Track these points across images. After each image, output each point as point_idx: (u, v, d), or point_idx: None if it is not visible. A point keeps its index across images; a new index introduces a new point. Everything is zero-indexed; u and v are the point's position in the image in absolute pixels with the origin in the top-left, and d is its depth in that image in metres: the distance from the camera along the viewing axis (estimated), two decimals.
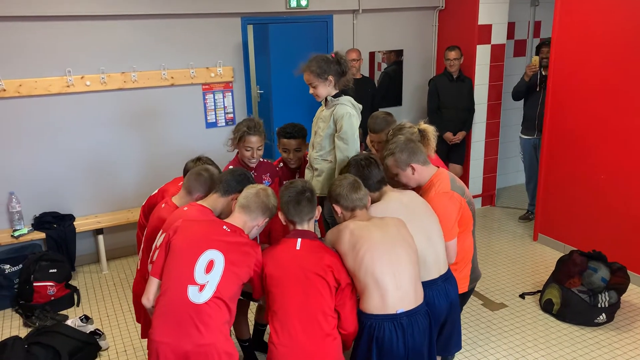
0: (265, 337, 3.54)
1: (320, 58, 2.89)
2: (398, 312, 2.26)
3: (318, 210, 2.47)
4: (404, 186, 2.79)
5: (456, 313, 2.67)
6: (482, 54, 5.57)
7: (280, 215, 2.45)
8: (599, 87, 4.37)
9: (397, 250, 2.33)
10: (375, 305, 2.27)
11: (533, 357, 3.44)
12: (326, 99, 2.95)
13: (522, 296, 4.16)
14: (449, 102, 5.49)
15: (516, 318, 3.89)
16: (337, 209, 2.49)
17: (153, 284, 2.29)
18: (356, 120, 2.88)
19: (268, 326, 3.43)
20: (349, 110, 2.85)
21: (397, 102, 5.93)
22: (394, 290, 2.27)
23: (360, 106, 2.98)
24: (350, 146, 2.83)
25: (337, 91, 2.95)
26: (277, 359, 2.22)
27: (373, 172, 2.62)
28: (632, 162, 4.18)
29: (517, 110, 6.32)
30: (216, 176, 2.76)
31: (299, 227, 2.41)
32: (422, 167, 2.70)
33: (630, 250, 4.22)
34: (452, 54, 5.36)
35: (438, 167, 2.80)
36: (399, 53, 5.85)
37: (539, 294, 4.10)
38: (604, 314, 3.71)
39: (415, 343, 2.28)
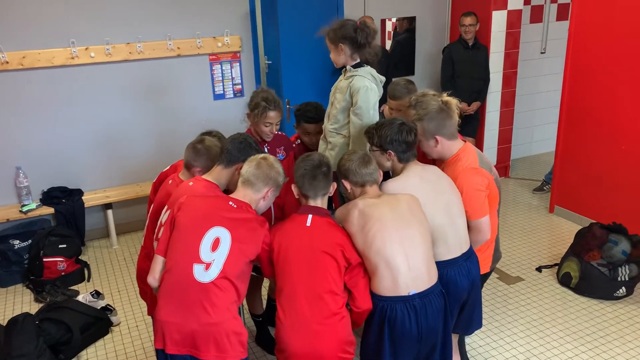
0: None
1: (338, 24, 2.72)
2: (410, 293, 2.18)
3: (333, 187, 2.36)
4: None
5: (477, 292, 2.58)
6: (498, 20, 5.37)
7: (294, 189, 2.35)
8: (620, 55, 4.20)
9: (409, 230, 2.23)
10: (386, 286, 2.19)
11: (551, 332, 3.37)
12: (346, 68, 2.80)
13: (538, 269, 4.08)
14: (463, 71, 5.32)
15: (533, 292, 3.81)
16: (347, 184, 2.39)
17: (158, 262, 2.21)
18: (373, 94, 2.70)
19: None
20: (367, 84, 2.68)
21: (410, 71, 5.77)
22: (406, 272, 2.18)
23: (383, 78, 2.80)
24: (365, 122, 2.67)
25: (357, 61, 2.78)
26: (283, 336, 2.15)
27: (412, 141, 2.46)
28: None
29: (532, 79, 6.16)
30: (214, 148, 2.63)
31: (311, 203, 2.31)
32: (447, 141, 2.55)
33: None
34: (468, 20, 5.17)
35: (465, 141, 2.66)
36: (412, 20, 5.66)
37: (556, 267, 4.01)
38: (623, 288, 3.63)
39: (428, 324, 2.21)
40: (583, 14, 4.44)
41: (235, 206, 2.21)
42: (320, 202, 2.31)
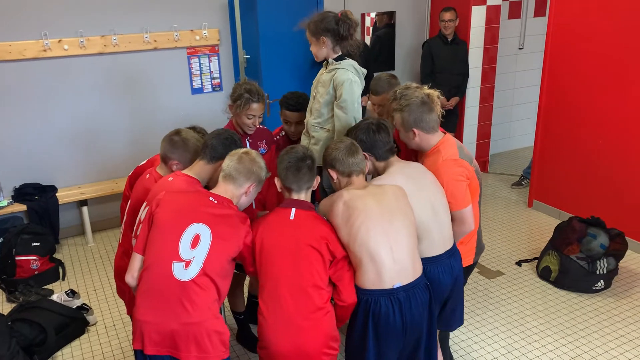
0: None
1: (319, 16, 2.67)
2: (395, 286, 2.15)
3: (316, 181, 2.32)
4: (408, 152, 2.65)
5: (460, 288, 2.57)
6: (477, 15, 5.38)
7: (277, 182, 2.29)
8: (597, 51, 4.24)
9: (394, 222, 2.20)
10: (370, 280, 2.15)
11: (532, 325, 3.39)
12: (327, 61, 2.76)
13: (518, 263, 4.11)
14: (443, 66, 5.32)
15: (513, 286, 3.83)
16: (333, 174, 2.35)
17: (136, 261, 2.14)
18: (357, 87, 2.68)
19: None
20: (350, 77, 2.65)
21: (390, 66, 5.75)
22: (390, 265, 2.15)
23: (365, 71, 2.78)
24: (350, 115, 2.65)
25: (339, 54, 2.74)
26: (267, 332, 2.10)
27: (384, 138, 2.44)
28: (631, 128, 4.09)
29: (510, 75, 6.20)
30: (191, 140, 2.56)
31: (295, 196, 2.26)
32: (425, 134, 2.54)
33: (627, 216, 4.17)
34: (447, 15, 5.17)
35: (445, 132, 2.65)
36: (391, 15, 5.64)
37: (536, 261, 4.04)
38: (602, 281, 3.67)
39: (413, 317, 2.18)
40: (561, 9, 4.47)
41: (215, 202, 2.15)
42: (304, 196, 2.27)
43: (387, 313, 2.12)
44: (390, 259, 2.15)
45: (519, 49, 6.12)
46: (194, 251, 2.03)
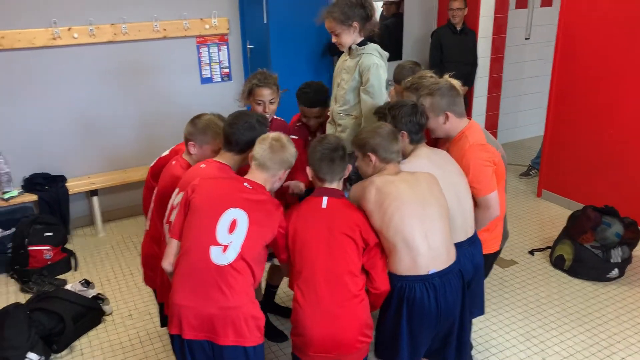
0: (277, 299, 3.44)
1: (342, 2, 2.65)
2: (430, 272, 2.15)
3: (348, 170, 2.31)
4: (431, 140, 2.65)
5: (480, 276, 2.58)
6: (486, 4, 5.36)
7: (309, 172, 2.29)
8: (610, 40, 4.23)
9: (428, 208, 2.19)
10: (405, 266, 2.15)
11: (548, 314, 3.40)
12: (350, 47, 2.73)
13: (531, 252, 4.12)
14: (452, 55, 5.30)
15: (527, 274, 3.84)
16: (372, 157, 2.30)
17: (173, 246, 2.13)
18: (384, 71, 2.67)
19: (278, 288, 3.36)
20: (376, 61, 2.63)
21: (397, 56, 5.71)
22: (425, 251, 2.15)
23: (387, 54, 2.78)
24: (378, 100, 2.64)
25: (362, 38, 2.73)
26: (302, 319, 2.11)
27: (425, 123, 2.45)
28: None
29: (517, 65, 6.20)
30: (213, 123, 2.54)
31: (327, 186, 2.26)
32: (456, 118, 2.54)
33: (638, 205, 4.18)
34: (456, 4, 5.15)
35: (470, 119, 2.65)
36: (399, 4, 5.61)
37: (549, 250, 4.06)
38: (616, 269, 3.69)
39: (447, 303, 2.19)
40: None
41: (250, 187, 2.15)
42: (336, 185, 2.27)
43: (422, 299, 2.12)
44: (426, 245, 2.14)
45: (526, 39, 6.11)
46: (232, 236, 2.03)
